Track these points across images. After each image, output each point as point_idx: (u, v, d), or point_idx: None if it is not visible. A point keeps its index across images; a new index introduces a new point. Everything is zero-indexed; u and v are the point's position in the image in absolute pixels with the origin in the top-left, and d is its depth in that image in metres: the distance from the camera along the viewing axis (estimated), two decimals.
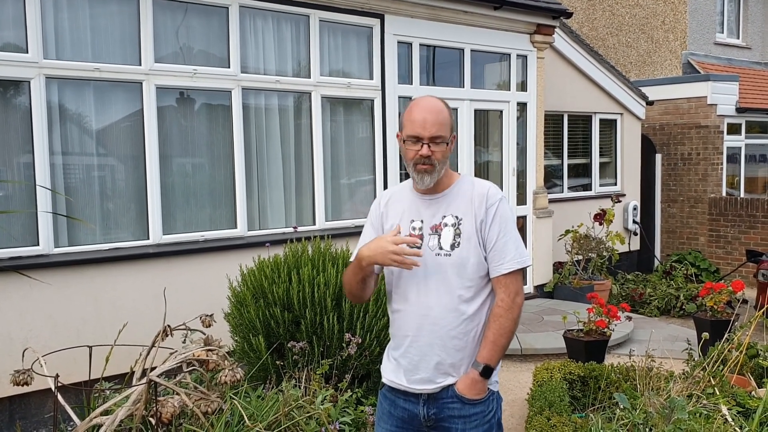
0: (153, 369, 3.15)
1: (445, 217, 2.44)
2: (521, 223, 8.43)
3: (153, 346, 3.48)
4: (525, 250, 2.45)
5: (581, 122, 10.39)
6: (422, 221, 2.46)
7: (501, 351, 2.40)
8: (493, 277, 2.42)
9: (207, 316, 3.69)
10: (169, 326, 3.52)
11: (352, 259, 2.58)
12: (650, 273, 10.87)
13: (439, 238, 2.42)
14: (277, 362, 4.32)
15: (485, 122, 8.10)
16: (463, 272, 2.38)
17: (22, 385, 3.30)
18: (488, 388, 2.43)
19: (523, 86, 8.27)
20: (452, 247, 2.39)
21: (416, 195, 2.51)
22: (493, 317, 2.39)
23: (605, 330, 5.80)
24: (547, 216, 8.67)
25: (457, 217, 2.42)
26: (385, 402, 2.57)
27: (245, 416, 3.26)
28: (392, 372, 2.52)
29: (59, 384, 3.12)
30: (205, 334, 3.44)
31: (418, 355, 2.42)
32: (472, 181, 2.51)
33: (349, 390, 4.07)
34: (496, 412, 2.48)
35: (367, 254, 2.37)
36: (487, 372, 2.38)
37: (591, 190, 10.59)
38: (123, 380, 4.06)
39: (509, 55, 8.04)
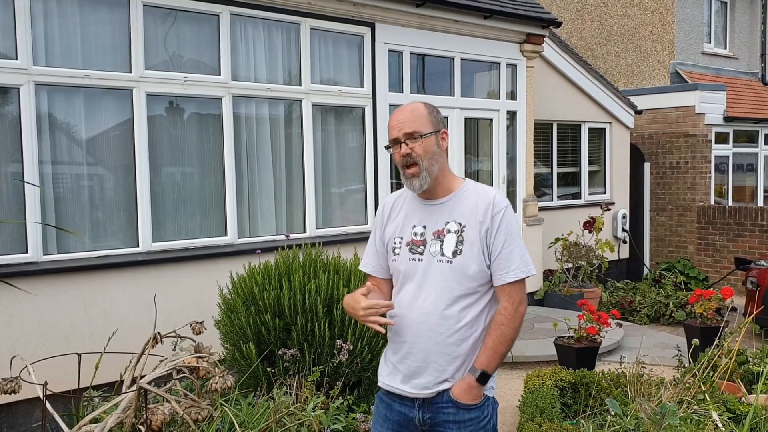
0: (143, 377, 3.13)
1: (448, 223, 2.42)
2: None
3: (143, 353, 3.47)
4: (530, 260, 2.43)
5: (570, 131, 10.45)
6: (425, 227, 2.45)
7: (500, 358, 2.39)
8: (496, 286, 2.40)
9: (197, 323, 3.67)
10: (159, 333, 3.50)
11: (361, 267, 2.67)
12: (640, 281, 10.92)
13: (441, 245, 2.40)
14: (268, 369, 4.30)
15: (475, 131, 8.13)
16: (464, 279, 2.37)
17: (10, 394, 3.27)
18: (484, 394, 2.42)
19: (512, 95, 8.31)
20: (454, 254, 2.38)
21: (419, 201, 2.50)
22: (495, 325, 2.38)
23: (596, 337, 5.82)
24: (537, 224, 8.70)
25: (460, 224, 2.40)
26: (381, 405, 2.56)
27: (236, 423, 3.24)
28: (388, 376, 2.52)
29: (48, 392, 3.09)
30: (195, 342, 3.42)
31: (416, 361, 2.41)
32: (477, 187, 2.49)
33: (340, 397, 4.05)
34: (491, 418, 2.46)
35: (347, 309, 2.47)
36: (483, 378, 2.37)
37: (580, 198, 10.64)
38: (113, 388, 4.03)
39: (499, 64, 8.09)
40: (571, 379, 4.81)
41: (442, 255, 2.39)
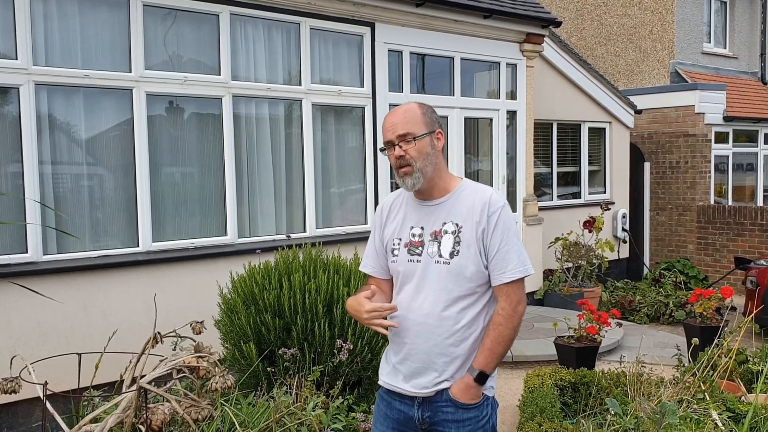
0: (143, 376, 3.13)
1: (445, 224, 2.41)
2: None
3: (143, 353, 3.47)
4: (527, 259, 2.41)
5: (570, 131, 10.45)
6: (422, 228, 2.45)
7: (498, 358, 2.38)
8: (494, 286, 2.39)
9: (197, 323, 3.68)
10: (159, 333, 3.50)
11: (361, 268, 2.67)
12: (639, 280, 10.92)
13: (438, 246, 2.40)
14: (268, 369, 4.30)
15: (475, 130, 8.13)
16: (462, 280, 2.37)
17: (10, 394, 3.27)
18: (483, 393, 2.42)
19: (512, 95, 8.31)
20: (451, 255, 2.37)
21: (416, 201, 2.50)
22: (492, 325, 2.38)
23: (596, 336, 5.82)
24: (537, 223, 8.70)
25: (457, 225, 2.39)
26: (382, 403, 2.57)
27: (236, 423, 3.24)
28: (389, 374, 2.53)
29: (48, 392, 3.09)
30: (195, 341, 3.42)
31: (416, 362, 2.42)
32: (474, 187, 2.48)
33: (340, 396, 4.05)
34: (491, 418, 2.46)
35: (351, 312, 2.47)
36: (481, 378, 2.37)
37: (580, 198, 10.64)
38: (113, 388, 4.04)
39: (499, 63, 8.09)
40: (571, 378, 4.81)
41: (440, 256, 2.39)
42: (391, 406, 2.52)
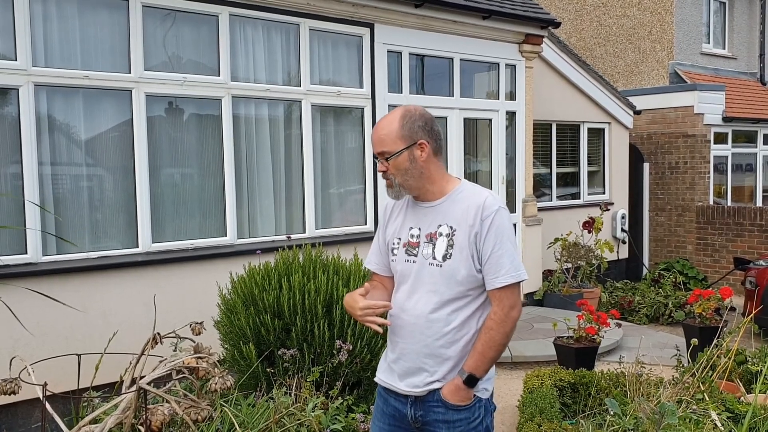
0: (142, 377, 3.13)
1: (440, 226, 2.43)
2: None
3: (142, 354, 3.47)
4: (521, 264, 2.40)
5: (569, 131, 10.46)
6: (419, 229, 2.47)
7: (488, 362, 2.38)
8: (488, 290, 2.39)
9: (197, 323, 3.68)
10: (158, 334, 3.50)
11: (365, 264, 2.71)
12: (639, 281, 10.92)
13: (433, 248, 2.42)
14: (268, 370, 4.30)
15: (474, 131, 8.14)
16: (453, 283, 2.38)
17: (9, 395, 3.27)
18: (474, 395, 2.42)
19: (512, 95, 8.32)
20: (444, 257, 2.38)
21: (415, 202, 2.53)
22: (484, 329, 2.38)
23: (595, 337, 5.82)
24: (536, 224, 8.70)
25: (451, 227, 2.40)
26: (380, 399, 2.61)
27: (236, 424, 3.25)
28: (384, 372, 2.57)
29: (48, 393, 3.09)
30: (195, 342, 3.43)
31: (408, 361, 2.45)
32: (472, 189, 2.48)
33: (339, 397, 4.06)
34: (483, 420, 2.46)
35: (347, 308, 2.49)
36: (471, 381, 2.37)
37: (580, 198, 10.64)
38: (112, 389, 4.04)
39: (498, 64, 8.09)
40: (571, 379, 4.81)
41: (433, 258, 2.41)
42: (387, 402, 2.56)
